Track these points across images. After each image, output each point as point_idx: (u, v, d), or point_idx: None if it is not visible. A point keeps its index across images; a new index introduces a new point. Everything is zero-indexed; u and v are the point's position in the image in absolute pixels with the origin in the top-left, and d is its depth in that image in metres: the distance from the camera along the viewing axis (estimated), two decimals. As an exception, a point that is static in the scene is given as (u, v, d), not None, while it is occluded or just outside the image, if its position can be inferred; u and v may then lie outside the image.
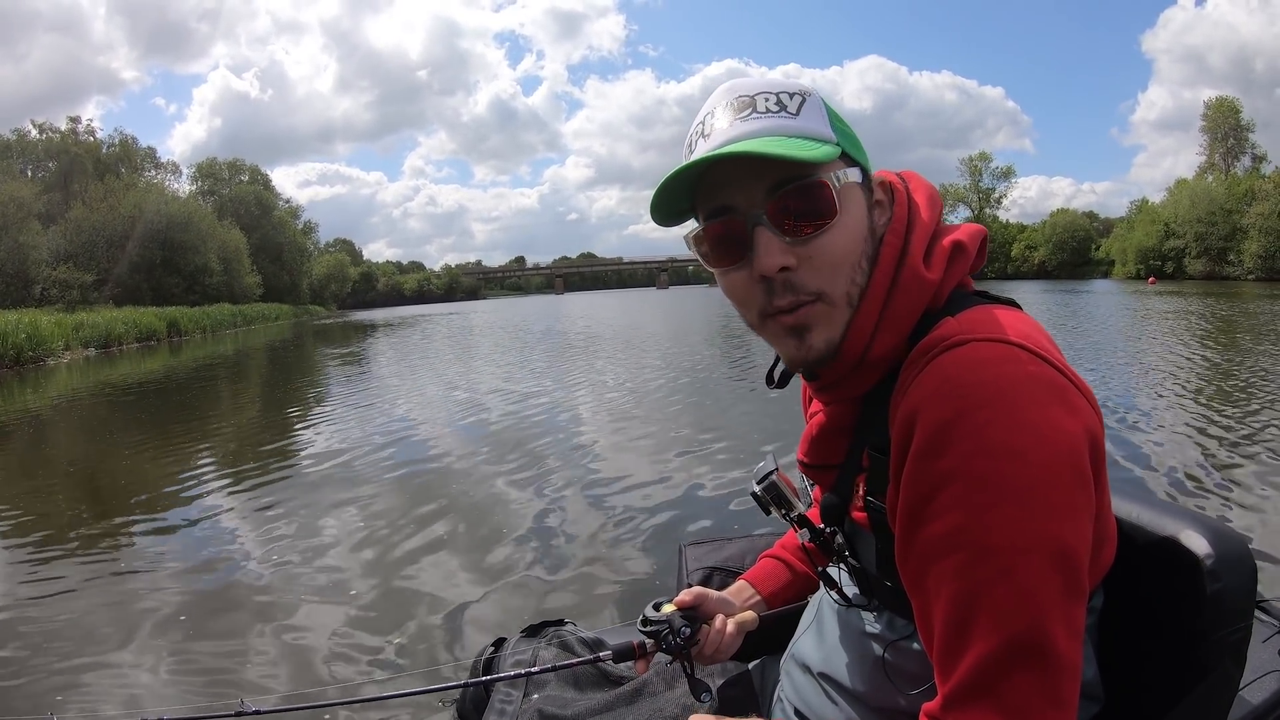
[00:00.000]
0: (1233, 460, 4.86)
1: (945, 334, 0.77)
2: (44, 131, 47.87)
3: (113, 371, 17.46)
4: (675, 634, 1.10)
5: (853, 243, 0.83)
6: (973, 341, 0.74)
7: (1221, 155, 60.70)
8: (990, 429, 0.69)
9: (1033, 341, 0.75)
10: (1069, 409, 0.72)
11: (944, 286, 0.85)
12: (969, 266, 0.88)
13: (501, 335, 23.40)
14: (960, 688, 0.70)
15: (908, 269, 0.84)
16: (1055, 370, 0.73)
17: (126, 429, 9.30)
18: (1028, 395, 0.71)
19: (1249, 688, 1.07)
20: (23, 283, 32.55)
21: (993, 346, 0.74)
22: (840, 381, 0.87)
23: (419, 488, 5.17)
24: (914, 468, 0.73)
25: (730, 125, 0.82)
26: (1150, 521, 0.93)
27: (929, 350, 0.76)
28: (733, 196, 0.82)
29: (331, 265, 79.86)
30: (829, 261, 0.81)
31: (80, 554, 4.18)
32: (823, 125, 0.83)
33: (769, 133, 0.81)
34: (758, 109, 0.83)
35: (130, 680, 2.77)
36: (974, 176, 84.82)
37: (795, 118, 0.82)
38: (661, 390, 9.22)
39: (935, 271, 0.84)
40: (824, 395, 0.92)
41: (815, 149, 0.79)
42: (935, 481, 0.71)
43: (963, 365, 0.73)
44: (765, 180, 0.81)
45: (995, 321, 0.78)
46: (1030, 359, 0.73)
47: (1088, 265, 70.69)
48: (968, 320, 0.78)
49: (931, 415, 0.72)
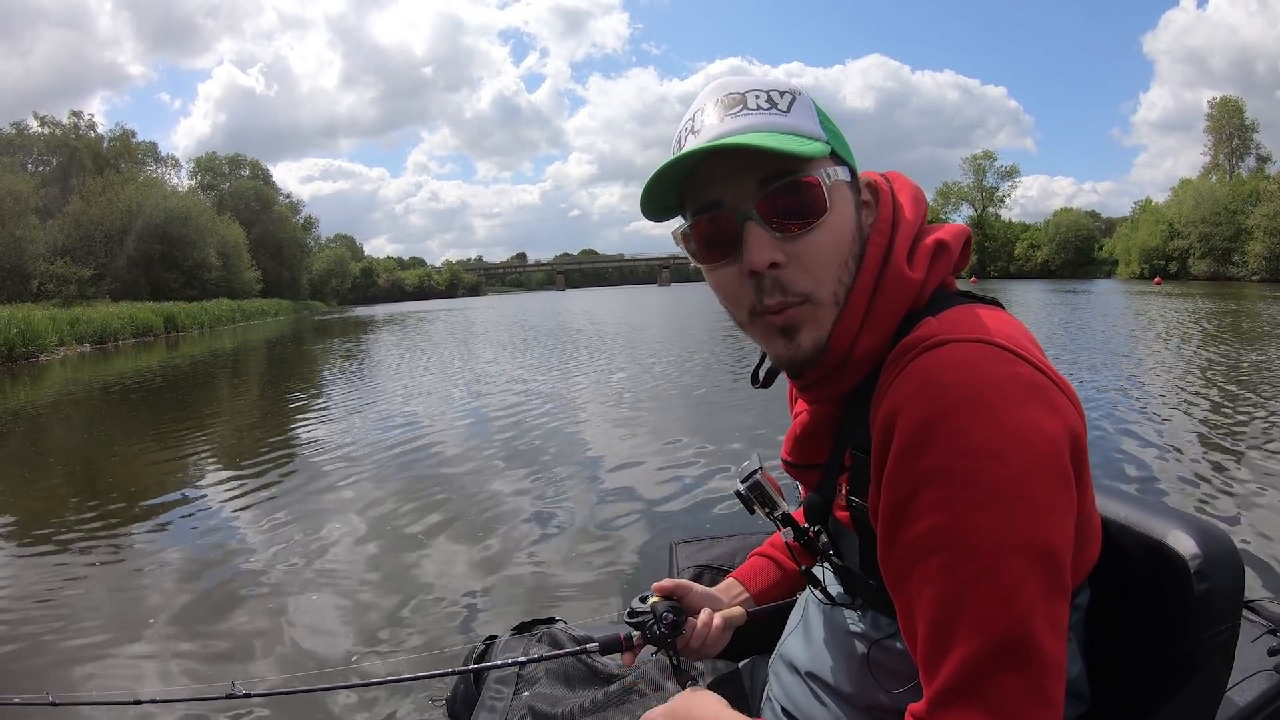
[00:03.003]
0: (1223, 460, 4.88)
1: (926, 334, 0.77)
2: (46, 125, 47.64)
3: (108, 368, 17.41)
4: (659, 621, 1.10)
5: (841, 242, 0.83)
6: (953, 342, 0.74)
7: (1226, 155, 60.65)
8: (971, 429, 0.69)
9: (1014, 341, 0.75)
10: (1050, 408, 0.72)
11: (927, 286, 0.85)
12: (952, 266, 0.88)
13: (501, 332, 23.39)
14: (946, 688, 0.69)
15: (892, 268, 0.84)
16: (1036, 370, 0.73)
17: (120, 425, 9.33)
18: (1008, 395, 0.71)
19: (1237, 688, 1.07)
20: (19, 277, 32.36)
21: (973, 347, 0.74)
22: (824, 380, 0.87)
23: (413, 484, 5.17)
24: (895, 468, 0.73)
25: (721, 121, 0.82)
26: (1138, 521, 0.93)
27: (910, 350, 0.76)
28: (722, 192, 0.82)
29: (331, 260, 79.51)
30: (817, 260, 0.81)
31: (75, 544, 4.21)
32: (813, 124, 0.83)
33: (760, 129, 0.81)
34: (748, 105, 0.83)
35: (126, 664, 2.82)
36: (978, 175, 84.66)
37: (786, 115, 0.82)
38: (656, 388, 9.23)
39: (919, 271, 0.84)
40: (808, 394, 0.91)
41: (806, 145, 0.79)
42: (916, 482, 0.71)
43: (943, 365, 0.73)
44: (755, 176, 0.81)
45: (976, 321, 0.78)
46: (1011, 359, 0.73)
47: (1091, 265, 70.65)
48: (949, 320, 0.79)
49: (912, 415, 0.72)
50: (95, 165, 46.08)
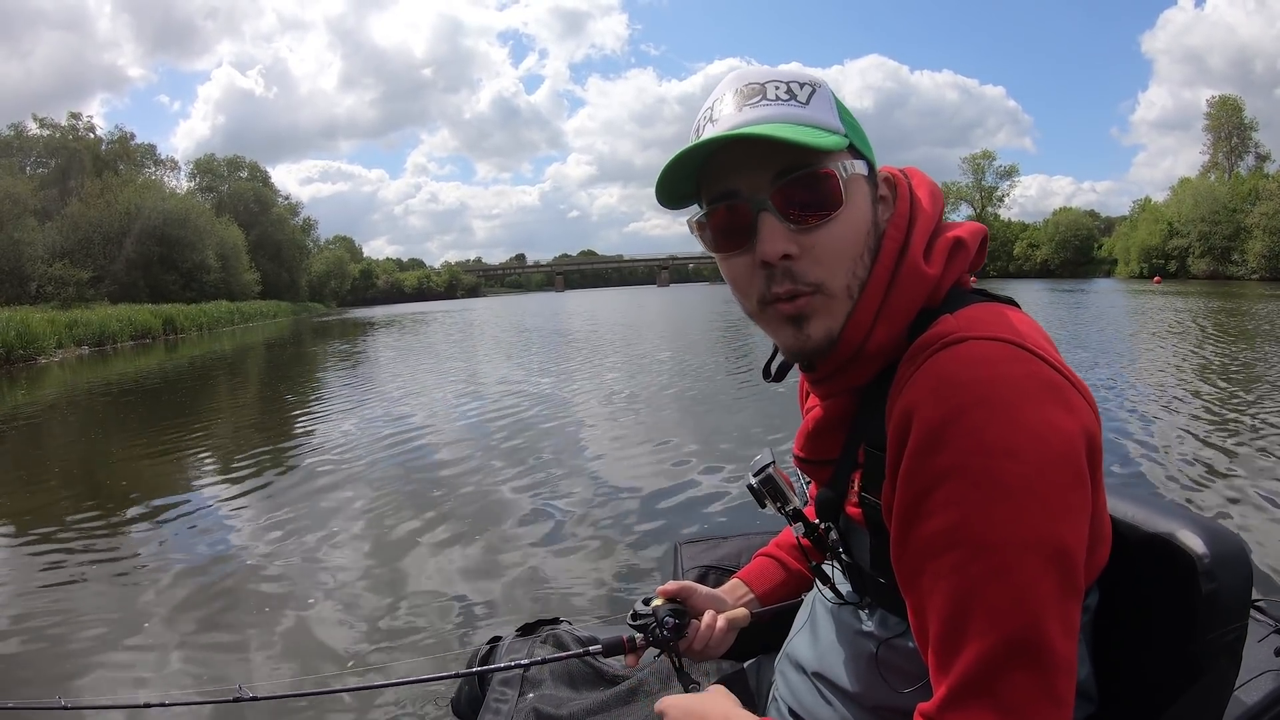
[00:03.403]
0: (1232, 460, 4.85)
1: (943, 331, 0.76)
2: (45, 127, 47.49)
3: (106, 370, 17.41)
4: (660, 625, 1.10)
5: (856, 235, 0.82)
6: (971, 339, 0.74)
7: (1225, 154, 60.64)
8: (987, 427, 0.69)
9: (1030, 340, 0.75)
10: (1066, 408, 0.71)
11: (943, 282, 0.85)
12: (969, 264, 0.88)
13: (500, 333, 23.36)
14: (957, 686, 0.69)
15: (908, 263, 0.84)
16: (1052, 369, 0.73)
17: (119, 427, 9.31)
18: (1025, 394, 0.70)
19: (1244, 687, 1.06)
20: (18, 280, 32.16)
21: (990, 345, 0.73)
22: (837, 373, 0.87)
23: (413, 485, 5.17)
24: (910, 465, 0.73)
25: (739, 110, 0.82)
26: (1146, 520, 0.93)
27: (927, 347, 0.76)
28: (738, 181, 0.82)
29: (330, 262, 79.29)
30: (831, 253, 0.81)
31: (76, 547, 4.21)
32: (832, 117, 0.83)
33: (778, 119, 0.80)
34: (767, 96, 0.82)
35: (133, 666, 2.83)
36: (977, 175, 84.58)
37: (805, 107, 0.82)
38: (658, 387, 9.23)
39: (935, 267, 0.84)
40: (820, 388, 0.91)
41: (824, 137, 0.79)
42: (931, 479, 0.71)
43: (960, 363, 0.72)
44: (772, 167, 0.80)
45: (993, 320, 0.77)
46: (1028, 358, 0.73)
47: (1090, 264, 70.50)
48: (966, 318, 0.78)
49: (928, 413, 0.71)
50: (94, 168, 45.88)
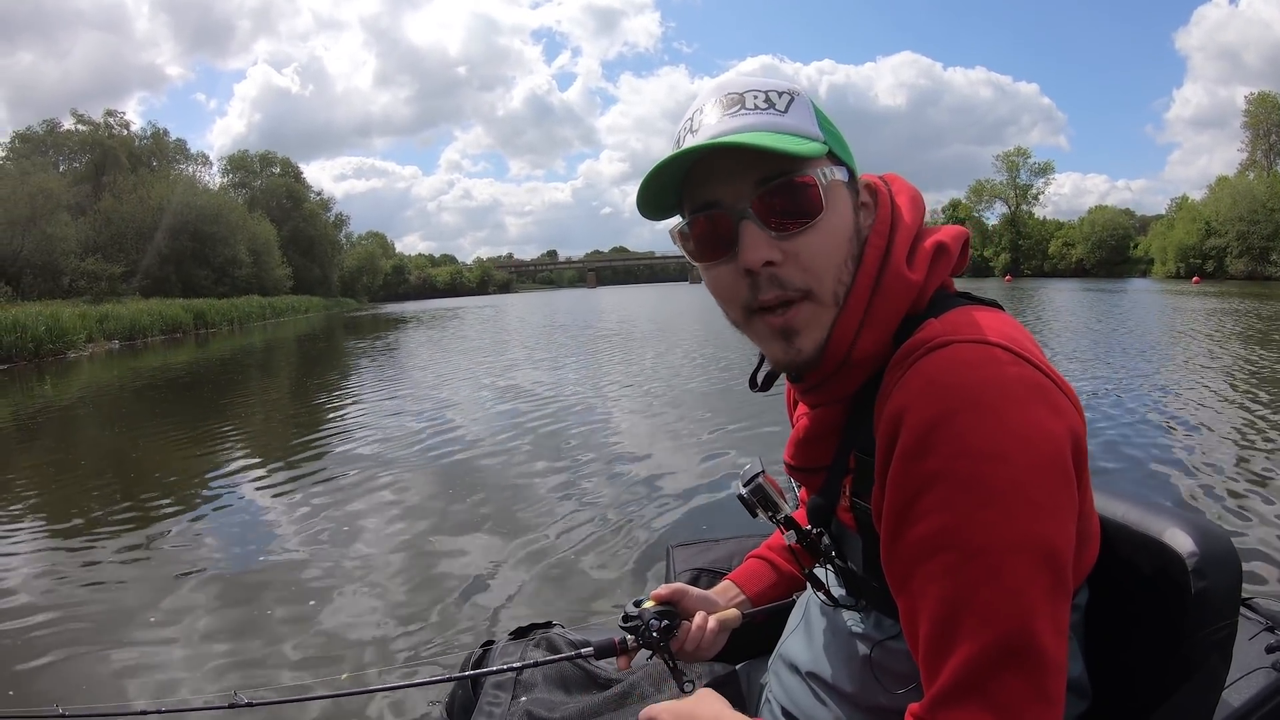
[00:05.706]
0: (1221, 459, 4.88)
1: (929, 336, 0.78)
2: (81, 123, 48.26)
3: (136, 364, 17.66)
4: (649, 627, 1.11)
5: (838, 241, 0.84)
6: (956, 343, 0.75)
7: (1264, 152, 59.26)
8: (975, 430, 0.70)
9: (1015, 343, 0.76)
10: (1052, 409, 0.73)
11: (927, 287, 0.86)
12: (951, 268, 0.89)
13: (532, 330, 23.24)
14: (948, 687, 0.70)
15: (891, 270, 0.85)
16: (1038, 371, 0.74)
17: (144, 423, 9.42)
18: (1011, 396, 0.71)
19: (1235, 685, 1.07)
20: (51, 274, 32.72)
21: (976, 348, 0.74)
22: (825, 383, 0.88)
23: (407, 490, 5.13)
24: (899, 469, 0.74)
25: (719, 121, 0.83)
26: (1136, 520, 0.94)
27: (913, 352, 0.77)
28: (719, 191, 0.83)
29: (363, 257, 79.89)
30: (815, 258, 0.82)
31: (79, 552, 4.22)
32: (810, 124, 0.84)
33: (757, 128, 0.82)
34: (746, 105, 0.84)
35: (129, 673, 2.84)
36: (1011, 172, 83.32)
37: (783, 115, 0.83)
38: (656, 388, 9.22)
39: (918, 273, 0.85)
40: (809, 397, 0.92)
41: (803, 144, 0.80)
42: (921, 483, 0.72)
43: (946, 367, 0.74)
44: (752, 175, 0.82)
45: (978, 323, 0.78)
46: (1013, 360, 0.74)
47: (1126, 263, 69.05)
48: (951, 322, 0.79)
49: (916, 417, 0.73)
50: (130, 163, 46.62)
